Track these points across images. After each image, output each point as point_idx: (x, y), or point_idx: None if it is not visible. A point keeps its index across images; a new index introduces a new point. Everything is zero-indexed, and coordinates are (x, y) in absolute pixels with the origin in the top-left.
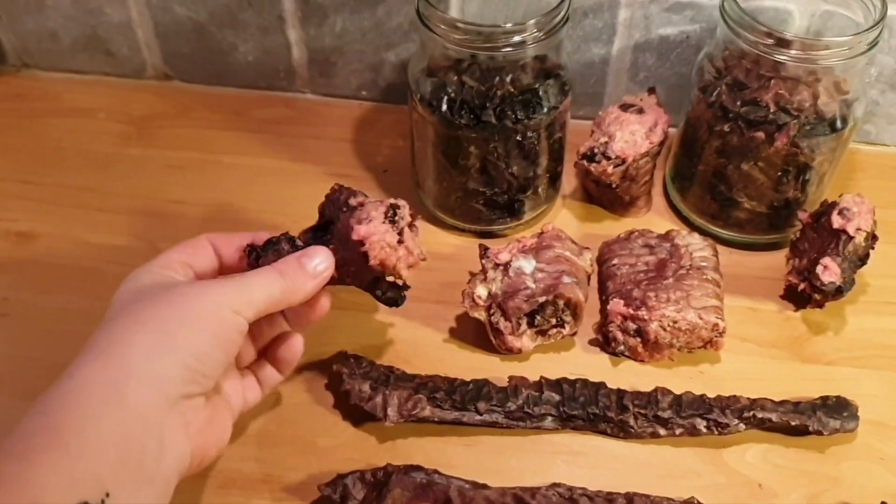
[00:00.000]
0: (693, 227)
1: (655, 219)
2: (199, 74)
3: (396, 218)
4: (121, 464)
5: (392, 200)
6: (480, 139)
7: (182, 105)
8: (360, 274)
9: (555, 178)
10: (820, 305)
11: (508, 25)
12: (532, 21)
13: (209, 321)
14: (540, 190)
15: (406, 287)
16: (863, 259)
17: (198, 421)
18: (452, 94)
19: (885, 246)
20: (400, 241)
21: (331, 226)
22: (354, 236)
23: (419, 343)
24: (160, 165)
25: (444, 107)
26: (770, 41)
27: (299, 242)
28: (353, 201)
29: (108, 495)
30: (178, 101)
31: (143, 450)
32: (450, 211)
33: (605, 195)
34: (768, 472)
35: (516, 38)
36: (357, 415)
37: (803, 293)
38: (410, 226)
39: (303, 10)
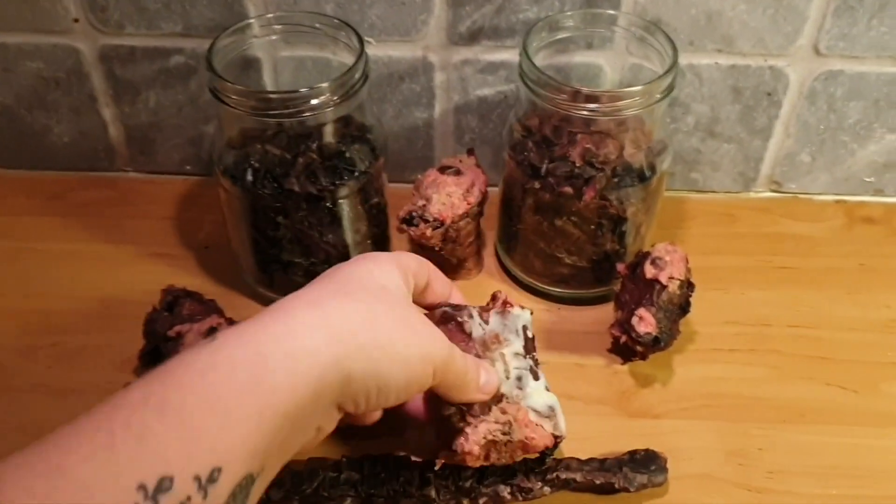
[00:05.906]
0: (522, 286)
1: (486, 280)
2: (15, 159)
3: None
4: None
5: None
6: (288, 209)
7: None
8: None
9: (380, 244)
10: (643, 357)
11: (303, 90)
12: (326, 84)
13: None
14: None
15: None
16: (683, 308)
17: None
18: (256, 165)
19: (713, 293)
20: None
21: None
22: None
23: None
24: None
25: (249, 177)
26: (564, 96)
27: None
28: (170, 332)
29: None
30: None
31: None
32: (269, 286)
33: (432, 258)
34: None
35: (313, 102)
36: None
37: (625, 346)
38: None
39: (114, 87)
